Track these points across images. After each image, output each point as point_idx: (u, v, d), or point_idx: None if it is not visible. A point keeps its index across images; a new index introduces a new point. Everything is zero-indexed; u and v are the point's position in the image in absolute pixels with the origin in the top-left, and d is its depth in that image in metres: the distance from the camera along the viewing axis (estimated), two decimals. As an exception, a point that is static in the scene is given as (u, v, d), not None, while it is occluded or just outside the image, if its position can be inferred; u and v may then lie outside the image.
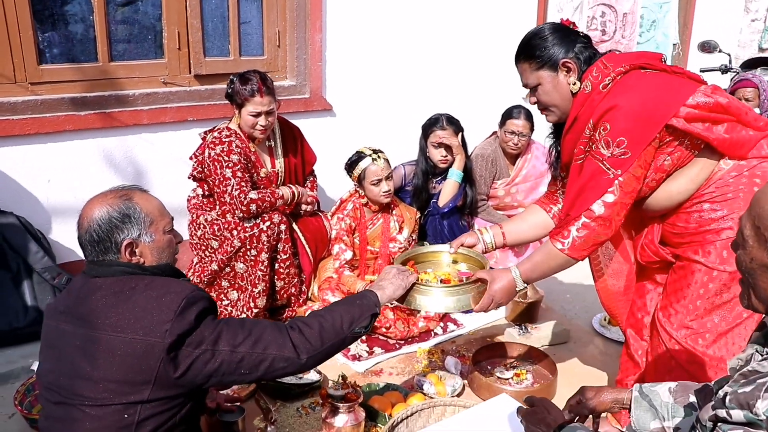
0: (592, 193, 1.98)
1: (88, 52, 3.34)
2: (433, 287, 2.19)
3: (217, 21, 3.66)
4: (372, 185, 3.27)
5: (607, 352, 3.19)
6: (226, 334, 1.69)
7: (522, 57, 2.16)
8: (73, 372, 1.65)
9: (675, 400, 1.64)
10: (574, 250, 2.03)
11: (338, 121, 4.16)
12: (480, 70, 4.77)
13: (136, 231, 1.73)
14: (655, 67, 2.04)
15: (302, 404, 2.66)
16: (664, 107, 1.93)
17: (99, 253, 1.72)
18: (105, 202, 1.73)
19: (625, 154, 1.93)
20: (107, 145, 3.37)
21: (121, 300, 1.66)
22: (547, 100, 2.14)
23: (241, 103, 3.08)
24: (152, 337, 1.60)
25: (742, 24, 6.57)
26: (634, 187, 1.98)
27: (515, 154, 4.03)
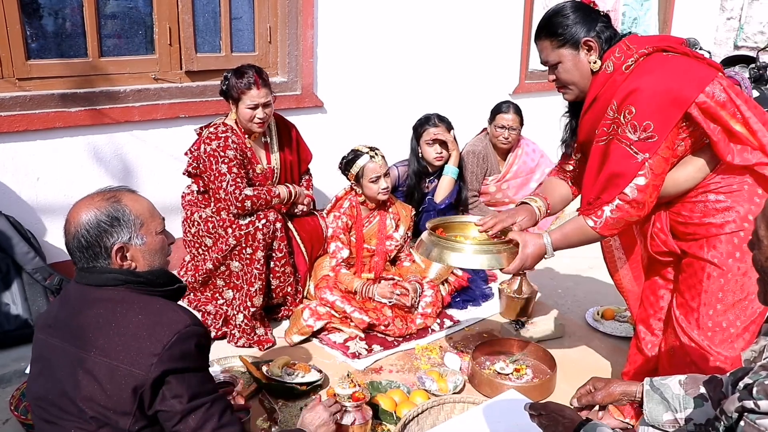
0: (623, 178, 2.01)
1: (77, 47, 3.27)
2: (465, 244, 2.27)
3: (208, 17, 3.61)
4: (370, 182, 3.27)
5: (602, 346, 3.23)
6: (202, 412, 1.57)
7: (543, 34, 2.17)
8: (62, 390, 1.59)
9: (686, 392, 1.67)
10: (605, 229, 2.07)
11: (329, 118, 4.14)
12: (469, 68, 4.80)
13: (126, 234, 1.64)
14: (677, 50, 2.08)
15: (305, 403, 2.64)
16: (688, 90, 1.96)
17: (88, 259, 1.64)
18: (92, 205, 1.64)
19: (652, 138, 1.95)
20: (98, 142, 3.31)
21: (113, 321, 1.58)
22: (567, 78, 2.17)
23: (238, 96, 3.05)
24: (136, 368, 1.52)
25: (718, 22, 6.71)
26: (664, 168, 2.02)
27: (506, 150, 4.06)
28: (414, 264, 3.51)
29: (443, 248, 2.28)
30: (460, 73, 4.75)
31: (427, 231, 2.46)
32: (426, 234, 2.45)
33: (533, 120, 4.11)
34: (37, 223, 3.20)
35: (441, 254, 2.28)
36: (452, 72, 4.70)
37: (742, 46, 6.52)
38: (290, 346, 3.11)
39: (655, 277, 2.39)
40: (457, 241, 2.35)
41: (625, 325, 3.37)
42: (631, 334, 3.26)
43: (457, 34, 4.67)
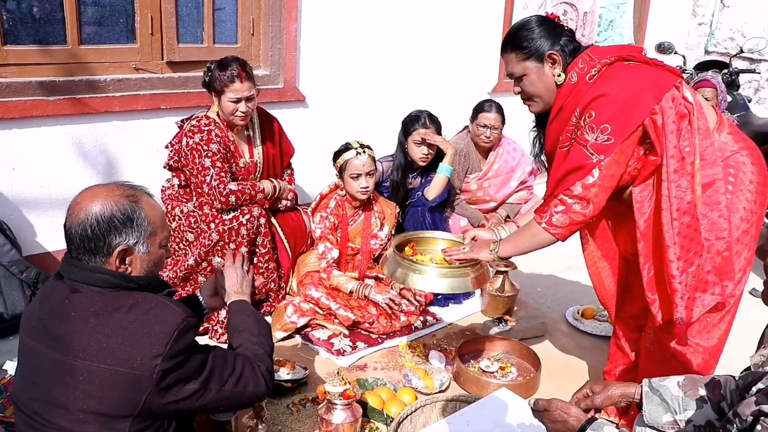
0: (574, 176, 2.06)
1: (56, 33, 3.17)
2: (430, 267, 2.30)
3: (191, 6, 3.54)
4: (351, 178, 3.23)
5: (582, 344, 3.27)
6: (216, 372, 1.61)
7: (509, 47, 2.20)
8: (48, 399, 1.52)
9: (685, 394, 1.69)
10: (552, 227, 2.11)
11: (311, 112, 4.11)
12: (449, 66, 4.81)
13: (134, 238, 1.59)
14: (638, 59, 2.12)
15: (292, 401, 2.62)
16: (648, 97, 2.00)
17: (85, 252, 1.56)
18: (111, 197, 1.58)
19: (608, 140, 1.99)
20: (76, 132, 3.22)
21: (103, 324, 1.51)
22: (531, 91, 2.20)
23: (221, 89, 2.99)
24: (140, 370, 1.48)
25: (690, 27, 6.84)
26: (615, 172, 2.04)
27: (487, 148, 4.08)
28: (397, 261, 3.50)
29: (407, 270, 2.30)
30: (440, 71, 4.76)
31: (392, 249, 2.45)
32: (391, 252, 2.44)
33: (511, 119, 4.13)
34: (12, 214, 3.10)
35: (405, 276, 2.29)
36: (432, 69, 4.71)
37: (713, 52, 6.66)
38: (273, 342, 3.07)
39: (632, 276, 2.43)
40: (422, 264, 2.34)
41: (604, 324, 3.42)
42: (611, 333, 3.32)
43: (438, 32, 4.67)
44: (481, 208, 4.08)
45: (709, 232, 2.06)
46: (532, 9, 5.24)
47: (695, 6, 6.78)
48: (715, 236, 2.06)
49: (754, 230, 2.16)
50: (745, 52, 5.42)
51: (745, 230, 2.10)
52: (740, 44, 6.09)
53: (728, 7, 6.61)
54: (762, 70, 6.35)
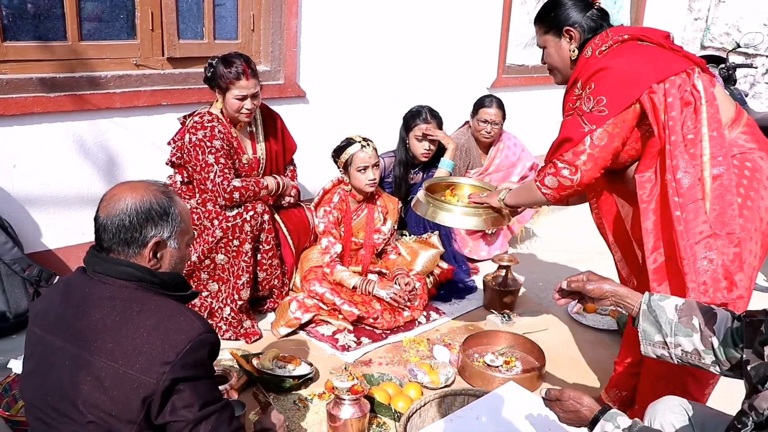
0: (568, 144, 2.16)
1: (56, 30, 3.14)
2: (456, 206, 2.66)
3: (191, 2, 3.52)
4: (358, 172, 3.23)
5: (585, 338, 3.28)
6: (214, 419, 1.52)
7: (537, 19, 2.40)
8: (61, 393, 1.51)
9: (679, 319, 1.71)
10: (544, 186, 2.26)
11: (311, 108, 4.10)
12: (449, 61, 4.81)
13: (167, 232, 1.61)
14: (653, 41, 2.15)
15: (299, 397, 2.62)
16: (647, 75, 2.04)
17: (121, 242, 1.56)
18: (148, 191, 1.60)
19: (602, 112, 2.07)
20: (77, 129, 3.19)
21: (123, 323, 1.50)
22: (550, 62, 2.38)
23: (226, 87, 2.98)
24: (147, 375, 1.45)
25: (686, 22, 6.87)
26: (607, 144, 2.10)
27: (488, 144, 4.09)
28: (400, 257, 3.50)
29: (437, 208, 2.65)
30: (440, 66, 4.76)
31: (423, 191, 2.77)
32: (422, 193, 2.76)
33: (510, 114, 4.14)
34: (13, 212, 3.07)
35: (434, 213, 2.65)
36: (432, 65, 4.70)
37: (709, 47, 6.69)
38: (277, 338, 3.08)
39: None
40: (449, 203, 2.70)
41: (606, 318, 3.43)
42: (613, 327, 3.34)
43: (437, 28, 4.67)
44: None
45: (719, 227, 2.05)
46: (530, 4, 5.25)
47: (691, 1, 6.80)
48: (725, 232, 2.05)
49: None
50: (742, 47, 5.44)
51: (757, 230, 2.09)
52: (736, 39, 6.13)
53: (724, 2, 6.64)
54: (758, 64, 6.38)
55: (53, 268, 3.08)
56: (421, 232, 3.66)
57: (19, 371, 2.50)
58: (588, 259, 4.21)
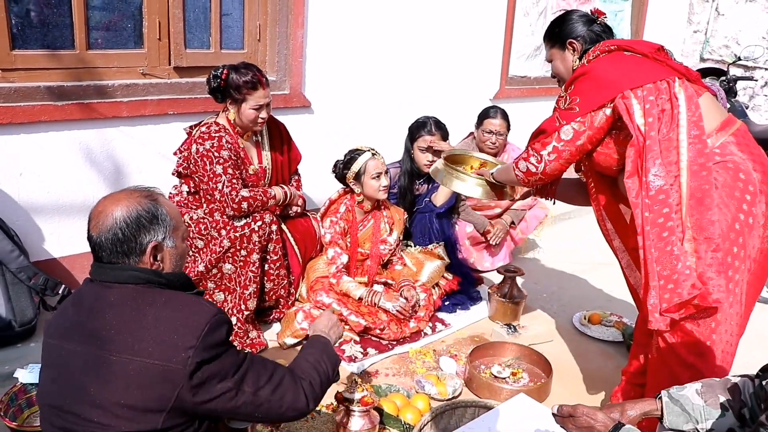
0: (542, 135, 2.33)
1: (64, 38, 3.14)
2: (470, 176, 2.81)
3: (198, 12, 3.53)
4: (372, 179, 3.24)
5: (590, 349, 3.28)
6: (251, 374, 1.61)
7: (545, 35, 2.56)
8: (80, 396, 1.52)
9: (706, 403, 1.69)
10: (516, 168, 2.44)
11: (316, 118, 4.11)
12: (452, 73, 4.83)
13: (161, 234, 1.63)
14: (638, 51, 2.25)
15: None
16: (622, 81, 2.15)
17: (120, 255, 1.59)
18: (131, 200, 1.62)
19: (572, 110, 2.23)
20: (84, 137, 3.19)
21: (138, 318, 1.53)
22: (557, 74, 2.53)
23: (243, 97, 2.97)
24: (172, 363, 1.48)
25: (685, 34, 6.91)
26: (572, 139, 2.24)
27: (492, 155, 4.09)
28: (406, 268, 3.50)
29: (451, 176, 2.82)
30: (444, 78, 4.78)
31: (442, 159, 2.93)
32: (440, 162, 2.91)
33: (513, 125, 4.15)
34: (19, 220, 3.07)
35: (449, 180, 2.82)
36: (436, 76, 4.72)
37: (708, 59, 6.73)
38: (283, 348, 3.07)
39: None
40: (465, 173, 2.84)
41: (612, 329, 3.44)
42: (618, 339, 3.35)
43: (441, 39, 4.69)
44: (486, 214, 4.10)
45: (696, 231, 2.06)
46: (533, 16, 5.28)
47: (690, 14, 6.85)
48: (703, 236, 2.06)
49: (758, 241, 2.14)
50: (742, 60, 5.48)
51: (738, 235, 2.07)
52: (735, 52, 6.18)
53: (723, 15, 6.69)
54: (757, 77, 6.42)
55: (59, 276, 3.07)
56: (426, 243, 3.66)
57: (25, 380, 2.49)
58: (591, 270, 4.23)
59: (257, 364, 1.65)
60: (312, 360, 1.84)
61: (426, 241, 3.66)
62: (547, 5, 5.37)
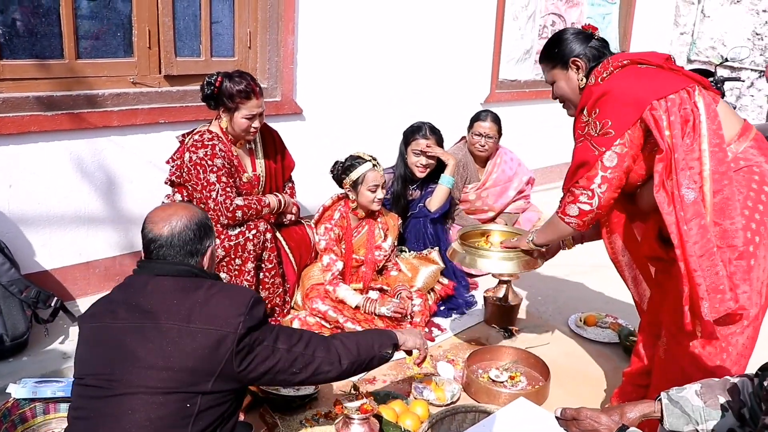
0: (582, 170, 2.20)
1: (53, 47, 3.12)
2: (494, 252, 2.73)
3: (188, 20, 3.51)
4: (368, 191, 3.23)
5: (587, 351, 3.28)
6: (282, 335, 1.81)
7: (542, 57, 2.46)
8: (135, 362, 1.64)
9: (705, 404, 1.68)
10: (567, 216, 2.28)
11: (308, 125, 4.09)
12: (443, 77, 4.84)
13: (212, 240, 1.88)
14: (651, 63, 2.20)
15: (305, 417, 2.59)
16: (647, 93, 2.08)
17: (185, 254, 1.78)
18: (190, 208, 1.85)
19: (608, 134, 2.12)
20: (75, 148, 3.16)
21: (189, 296, 1.71)
22: (561, 94, 2.42)
23: (235, 106, 2.95)
24: (226, 328, 1.66)
25: (672, 36, 6.96)
26: (618, 164, 2.13)
27: (485, 159, 4.10)
28: (401, 273, 3.49)
29: (474, 255, 2.74)
30: (435, 83, 4.78)
31: (458, 241, 2.85)
32: (457, 243, 2.84)
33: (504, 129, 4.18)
34: (9, 232, 3.03)
35: (472, 260, 2.73)
36: (427, 81, 4.73)
37: (695, 60, 6.79)
38: (279, 357, 3.04)
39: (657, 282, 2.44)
40: (486, 249, 2.77)
41: (607, 331, 3.44)
42: (614, 340, 3.35)
43: (432, 45, 4.70)
44: (480, 218, 4.10)
45: (720, 239, 2.07)
46: (522, 20, 5.30)
47: (677, 16, 6.91)
48: (726, 244, 2.06)
49: None
50: (729, 61, 5.53)
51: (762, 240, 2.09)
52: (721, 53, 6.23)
53: (709, 17, 6.74)
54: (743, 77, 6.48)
55: (51, 289, 3.04)
56: (420, 248, 3.65)
57: (18, 396, 2.44)
58: (585, 272, 4.23)
59: (287, 328, 1.89)
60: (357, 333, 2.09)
61: (420, 246, 3.65)
62: (536, 9, 5.40)
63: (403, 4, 4.45)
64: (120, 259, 3.42)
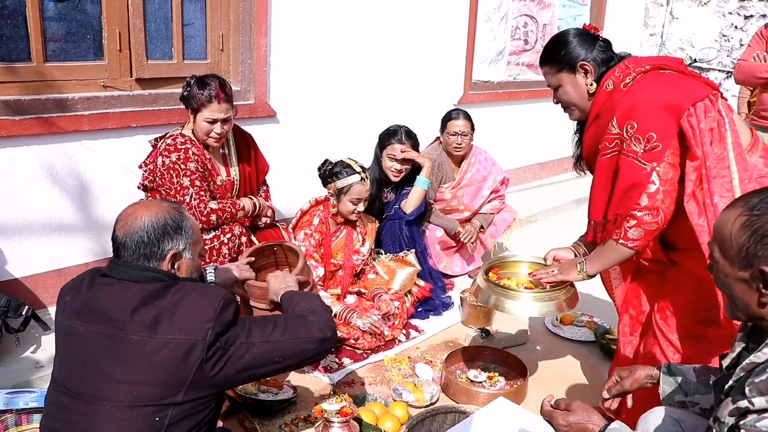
0: (636, 189, 2.10)
1: (19, 50, 3.05)
2: (523, 293, 2.42)
3: (159, 22, 3.47)
4: (350, 202, 3.21)
5: (564, 350, 3.31)
6: (255, 328, 1.71)
7: (545, 60, 2.34)
8: (101, 374, 1.58)
9: (697, 379, 1.79)
10: (630, 241, 2.15)
11: (282, 127, 4.07)
12: (417, 79, 4.85)
13: (182, 244, 1.74)
14: (674, 68, 2.17)
15: (284, 421, 2.57)
16: (681, 100, 2.04)
17: (140, 257, 1.69)
18: (161, 208, 1.74)
19: (656, 147, 2.04)
20: (44, 153, 3.10)
21: (155, 303, 1.61)
22: (567, 100, 2.32)
23: (197, 108, 2.93)
24: (194, 335, 1.58)
25: (642, 38, 7.07)
26: (673, 175, 2.08)
27: (460, 158, 4.11)
28: (378, 276, 3.48)
29: (501, 296, 2.43)
30: (409, 85, 4.79)
31: (482, 275, 2.56)
32: (482, 280, 2.54)
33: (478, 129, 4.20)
34: (-23, 240, 2.97)
35: (499, 302, 2.42)
36: (401, 83, 4.74)
37: (664, 61, 6.90)
38: (257, 362, 3.01)
39: (640, 282, 2.47)
40: (516, 290, 2.46)
41: (583, 329, 3.47)
42: (591, 339, 3.38)
43: (405, 47, 4.71)
44: (456, 218, 4.11)
45: None
46: (494, 21, 5.34)
47: (646, 17, 7.01)
48: None
49: None
50: (698, 62, 5.62)
51: None
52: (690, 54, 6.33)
53: (677, 19, 6.85)
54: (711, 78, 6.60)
55: (22, 297, 2.97)
56: (396, 250, 3.64)
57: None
58: (560, 272, 4.26)
59: (258, 320, 1.77)
60: (301, 303, 1.95)
61: (396, 249, 3.64)
62: (508, 10, 5.44)
63: (376, 6, 4.45)
64: (93, 265, 3.35)
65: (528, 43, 5.70)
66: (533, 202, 5.62)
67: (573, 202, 5.82)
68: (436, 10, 4.85)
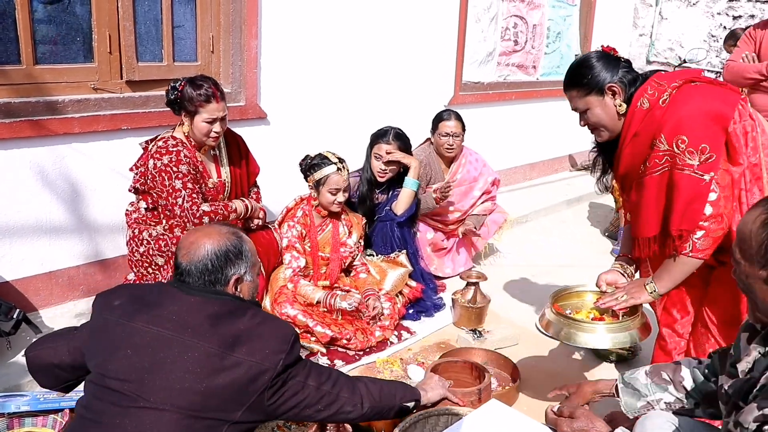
0: (698, 202, 2.14)
1: (9, 53, 3.04)
2: (597, 325, 2.36)
3: (149, 24, 3.46)
4: (329, 193, 3.24)
5: (555, 351, 3.33)
6: (314, 371, 1.82)
7: (570, 85, 2.36)
8: (167, 377, 1.60)
9: (652, 381, 1.88)
10: (700, 252, 2.18)
11: (272, 129, 4.07)
12: (408, 80, 4.86)
13: (243, 268, 1.82)
14: (703, 80, 2.24)
15: (276, 423, 2.57)
16: (724, 108, 2.12)
17: (206, 283, 1.77)
18: (221, 235, 1.82)
19: (710, 158, 2.10)
20: (35, 155, 3.08)
21: (234, 319, 1.70)
22: (596, 122, 2.34)
23: (195, 110, 2.93)
24: (267, 363, 1.66)
25: (632, 38, 7.11)
26: (728, 181, 2.15)
27: (450, 159, 4.13)
28: (369, 275, 3.50)
29: (574, 329, 2.37)
30: (399, 86, 4.80)
31: (549, 308, 2.51)
32: (550, 312, 2.49)
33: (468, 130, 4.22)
34: (-33, 243, 2.95)
35: (570, 334, 2.36)
36: (392, 84, 4.75)
37: (654, 61, 6.94)
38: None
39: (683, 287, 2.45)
40: (589, 323, 2.40)
41: (574, 330, 3.48)
42: (581, 339, 3.40)
43: (395, 48, 4.72)
44: (447, 218, 4.13)
45: None
46: (484, 22, 5.36)
47: (636, 18, 7.05)
48: None
49: None
50: (687, 62, 5.67)
51: None
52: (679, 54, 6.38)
53: (666, 19, 6.90)
54: (700, 78, 6.66)
55: (12, 300, 2.96)
56: (388, 251, 3.66)
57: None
58: (551, 272, 4.30)
59: (319, 366, 1.89)
60: (383, 381, 2.08)
61: (388, 250, 3.66)
62: (498, 11, 5.46)
63: (367, 7, 4.46)
64: (84, 268, 3.35)
65: (518, 44, 5.73)
66: (524, 203, 5.65)
67: (564, 203, 5.86)
68: (427, 12, 4.86)
